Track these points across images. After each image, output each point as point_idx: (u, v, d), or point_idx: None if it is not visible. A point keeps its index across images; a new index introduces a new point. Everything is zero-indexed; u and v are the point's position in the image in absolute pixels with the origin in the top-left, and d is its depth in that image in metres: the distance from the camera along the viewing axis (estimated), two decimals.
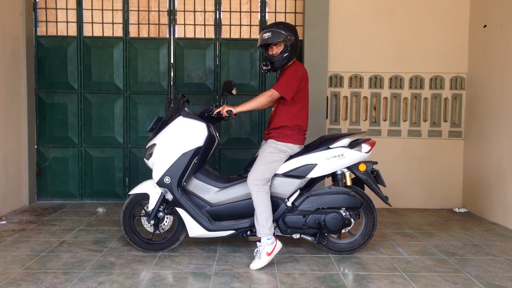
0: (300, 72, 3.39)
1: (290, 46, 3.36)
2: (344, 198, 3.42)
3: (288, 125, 3.42)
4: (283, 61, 3.39)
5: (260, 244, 3.28)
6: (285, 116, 3.42)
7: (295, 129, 3.43)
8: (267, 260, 3.25)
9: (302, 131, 3.49)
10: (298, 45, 3.43)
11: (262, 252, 3.25)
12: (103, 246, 3.68)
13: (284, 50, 3.36)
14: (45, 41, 5.25)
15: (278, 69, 3.45)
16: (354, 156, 3.41)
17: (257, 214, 3.29)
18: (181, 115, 3.44)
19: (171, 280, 3.01)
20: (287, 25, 3.46)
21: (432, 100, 5.24)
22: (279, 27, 3.39)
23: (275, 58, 3.38)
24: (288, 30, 3.38)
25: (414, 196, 5.26)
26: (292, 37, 3.37)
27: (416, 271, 3.21)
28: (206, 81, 5.31)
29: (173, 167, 3.39)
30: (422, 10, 5.14)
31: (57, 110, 5.28)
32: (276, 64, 3.40)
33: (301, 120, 3.46)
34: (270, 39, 3.36)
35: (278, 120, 3.45)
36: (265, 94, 3.34)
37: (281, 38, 3.34)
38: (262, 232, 3.28)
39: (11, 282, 2.92)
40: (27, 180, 5.08)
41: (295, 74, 3.36)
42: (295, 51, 3.42)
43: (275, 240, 3.30)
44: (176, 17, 5.29)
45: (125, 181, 5.34)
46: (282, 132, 3.42)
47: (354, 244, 3.55)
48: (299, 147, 3.48)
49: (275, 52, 3.39)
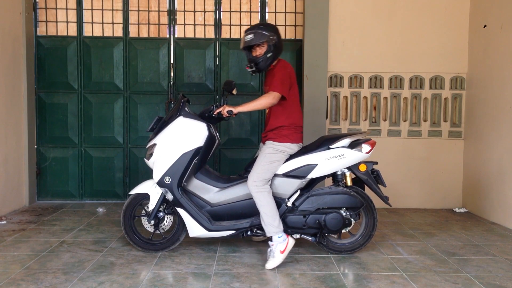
0: (288, 69, 3.43)
1: (273, 46, 3.38)
2: (345, 198, 3.42)
3: (285, 125, 3.42)
4: (268, 61, 3.41)
5: (272, 243, 3.28)
6: (280, 117, 3.43)
7: (291, 128, 3.43)
8: (282, 258, 3.25)
9: (298, 128, 3.49)
10: (281, 44, 3.45)
11: (276, 251, 3.25)
12: (103, 246, 3.68)
13: (267, 50, 3.39)
14: (45, 41, 5.25)
15: (263, 69, 3.46)
16: (355, 156, 3.41)
17: (262, 214, 3.30)
18: (182, 115, 3.44)
19: (171, 280, 3.01)
20: (269, 25, 3.50)
21: (432, 100, 5.24)
22: (261, 28, 3.41)
23: (260, 59, 3.40)
24: (270, 31, 3.40)
25: (414, 196, 5.26)
26: (275, 37, 3.39)
27: (416, 271, 3.21)
28: (206, 81, 5.31)
29: (174, 167, 3.39)
30: (422, 10, 5.14)
31: (57, 110, 5.28)
32: (261, 65, 3.42)
33: (296, 117, 3.47)
34: (253, 40, 3.37)
35: (274, 121, 3.45)
36: (267, 96, 3.32)
37: (264, 39, 3.36)
38: (270, 231, 3.29)
39: (11, 282, 2.92)
40: (27, 180, 5.08)
41: (284, 71, 3.39)
42: (279, 50, 3.44)
43: (286, 237, 3.30)
44: (176, 17, 5.29)
45: (125, 181, 5.34)
46: (279, 133, 3.42)
47: (354, 244, 3.55)
48: (298, 146, 3.48)
49: (259, 53, 3.41)
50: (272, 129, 3.45)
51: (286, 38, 5.33)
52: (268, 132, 3.48)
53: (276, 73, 3.39)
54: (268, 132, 3.48)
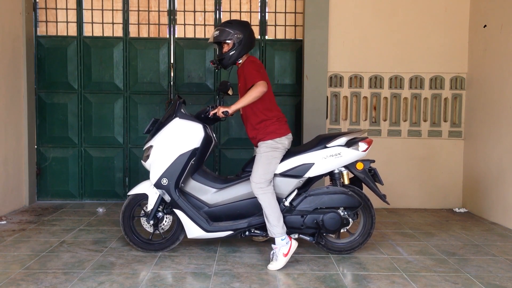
0: (257, 63, 3.42)
1: (238, 44, 3.37)
2: (342, 197, 3.41)
3: (266, 118, 3.39)
4: (231, 59, 3.42)
5: (275, 246, 3.27)
6: (258, 112, 3.39)
7: (274, 120, 3.40)
8: (285, 261, 3.24)
9: (281, 119, 3.46)
10: (249, 41, 3.44)
11: (279, 254, 3.24)
12: (103, 246, 3.68)
13: (231, 48, 3.39)
14: (45, 41, 5.25)
15: (227, 66, 3.47)
16: (351, 154, 3.41)
17: (267, 215, 3.29)
18: (178, 117, 3.44)
19: (171, 280, 3.01)
20: (237, 22, 3.48)
21: (432, 100, 5.24)
22: (227, 25, 3.42)
23: (222, 56, 3.42)
24: (237, 28, 3.39)
25: (414, 196, 5.26)
26: (240, 35, 3.38)
27: (416, 271, 3.21)
28: (206, 81, 5.31)
29: (170, 168, 3.39)
30: (422, 10, 5.14)
31: (57, 110, 5.28)
32: (223, 62, 3.45)
33: (274, 108, 3.45)
34: (217, 37, 3.40)
35: (253, 118, 3.41)
36: (256, 88, 3.25)
37: (228, 36, 3.38)
38: (275, 232, 3.28)
39: (11, 282, 2.92)
40: (27, 180, 5.08)
41: (253, 65, 3.37)
42: (246, 47, 3.43)
43: (289, 240, 3.29)
44: (176, 17, 5.29)
45: (125, 181, 5.34)
46: (264, 131, 3.38)
47: (353, 244, 3.55)
48: (287, 137, 3.43)
49: (225, 50, 3.43)
50: (255, 127, 3.41)
51: (286, 38, 5.33)
52: (253, 132, 3.43)
53: (247, 67, 3.37)
54: (253, 132, 3.43)
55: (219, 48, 3.48)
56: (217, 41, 3.43)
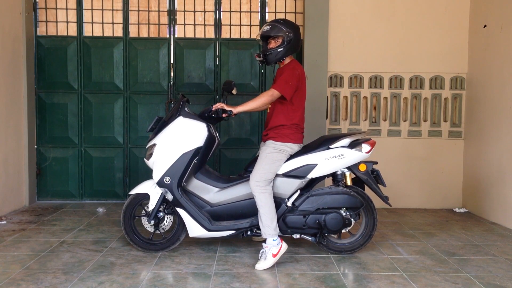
0: (297, 71, 3.40)
1: (287, 42, 3.37)
2: (344, 198, 3.42)
3: (286, 124, 3.42)
4: (277, 55, 3.40)
5: (266, 245, 3.28)
6: (282, 116, 3.42)
7: (293, 128, 3.43)
8: (273, 262, 3.25)
9: (300, 129, 3.49)
10: (297, 43, 3.44)
11: (268, 253, 3.24)
12: (103, 246, 3.68)
13: (280, 45, 3.38)
14: (45, 41, 5.25)
15: (271, 62, 3.45)
16: (354, 156, 3.41)
17: (261, 215, 3.29)
18: (181, 115, 3.44)
19: (171, 280, 3.01)
20: (289, 22, 3.48)
21: (432, 100, 5.24)
22: (279, 22, 3.42)
23: (269, 51, 3.40)
24: (288, 27, 3.40)
25: (414, 196, 5.26)
26: (291, 34, 3.37)
27: (416, 271, 3.21)
28: (206, 81, 5.31)
29: (173, 167, 3.39)
30: (422, 10, 5.14)
31: (57, 110, 5.28)
32: (269, 58, 3.42)
33: (298, 119, 3.47)
34: (268, 31, 3.39)
35: (276, 120, 3.45)
36: (266, 94, 3.34)
37: (279, 32, 3.37)
38: (267, 233, 3.28)
39: (11, 282, 2.92)
40: (27, 180, 5.08)
41: (292, 72, 3.37)
42: (293, 48, 3.42)
43: (280, 242, 3.29)
44: (176, 17, 5.29)
45: (125, 181, 5.34)
46: (280, 132, 3.41)
47: (354, 244, 3.55)
48: (298, 146, 3.48)
49: (273, 46, 3.42)
50: (273, 127, 3.45)
51: None
52: (269, 131, 3.47)
53: (284, 72, 3.39)
54: (269, 130, 3.48)
55: (264, 44, 3.48)
56: (266, 36, 3.42)
